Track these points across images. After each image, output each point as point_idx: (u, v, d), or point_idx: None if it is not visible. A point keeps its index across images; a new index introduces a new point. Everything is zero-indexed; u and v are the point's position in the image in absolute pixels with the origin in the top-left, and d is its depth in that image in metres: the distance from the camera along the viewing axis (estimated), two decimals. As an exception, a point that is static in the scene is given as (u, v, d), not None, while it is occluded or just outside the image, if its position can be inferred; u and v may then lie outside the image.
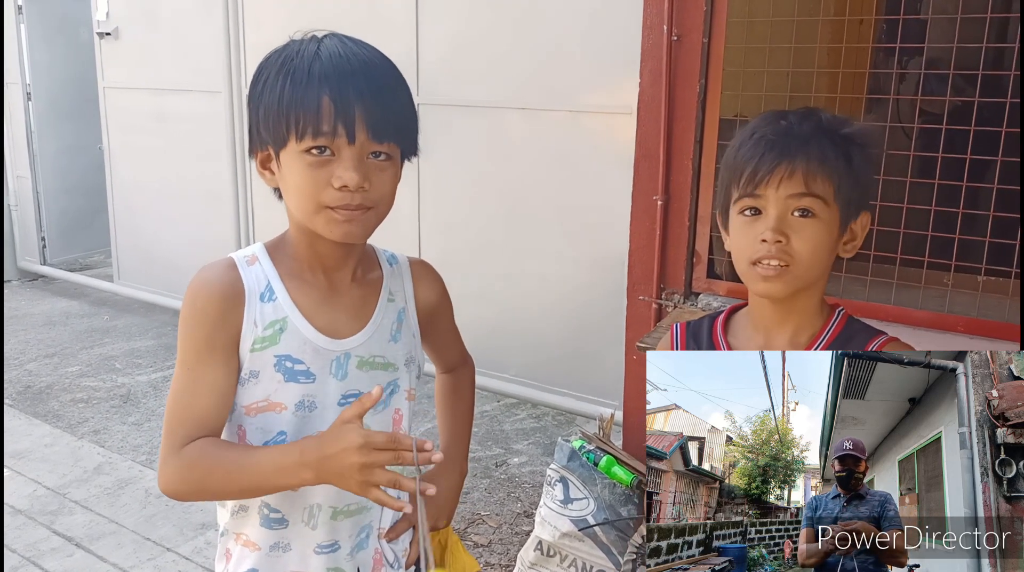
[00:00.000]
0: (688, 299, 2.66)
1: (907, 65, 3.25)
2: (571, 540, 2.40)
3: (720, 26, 2.44)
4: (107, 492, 3.22)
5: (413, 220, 4.27)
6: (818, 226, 1.13)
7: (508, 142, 3.94)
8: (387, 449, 1.03)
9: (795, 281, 1.14)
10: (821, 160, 1.12)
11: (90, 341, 4.89)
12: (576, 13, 3.60)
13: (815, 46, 2.49)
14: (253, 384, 1.18)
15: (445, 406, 1.48)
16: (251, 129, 1.16)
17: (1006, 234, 2.18)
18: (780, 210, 1.13)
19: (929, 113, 2.92)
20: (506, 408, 4.01)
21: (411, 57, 4.07)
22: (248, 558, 1.24)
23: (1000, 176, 2.20)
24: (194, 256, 4.55)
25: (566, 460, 2.51)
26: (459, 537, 1.47)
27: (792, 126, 1.15)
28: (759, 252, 1.14)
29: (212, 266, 1.18)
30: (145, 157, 5.43)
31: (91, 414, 3.91)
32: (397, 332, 1.27)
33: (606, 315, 3.58)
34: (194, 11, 4.90)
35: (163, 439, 1.15)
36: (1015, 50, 2.20)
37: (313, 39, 1.13)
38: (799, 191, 1.12)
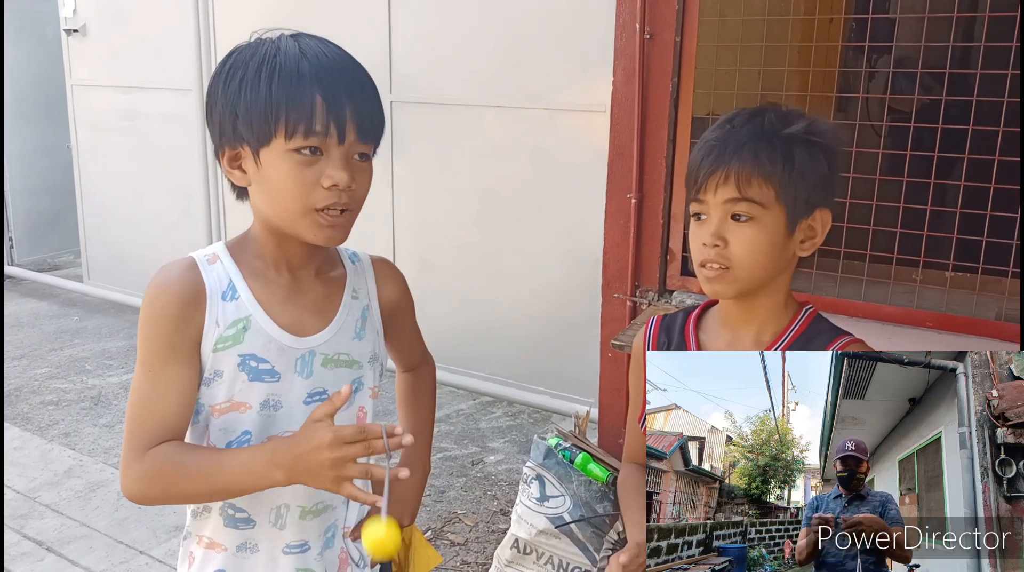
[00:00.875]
0: (662, 296, 2.67)
1: (876, 64, 3.29)
2: (547, 537, 2.41)
3: (692, 25, 2.46)
4: (78, 495, 3.18)
5: (387, 218, 4.26)
6: (756, 229, 1.14)
7: (483, 140, 3.94)
8: (357, 441, 1.03)
9: (737, 282, 1.16)
10: (755, 164, 1.12)
11: (59, 342, 4.82)
12: (550, 11, 3.61)
13: (786, 45, 2.52)
14: (217, 384, 1.17)
15: (407, 405, 1.48)
16: (221, 126, 1.13)
17: (973, 230, 2.21)
18: (719, 215, 1.15)
19: (898, 111, 2.96)
20: (482, 406, 4.01)
21: (384, 54, 4.06)
22: (214, 559, 1.23)
23: (967, 173, 2.23)
24: (165, 256, 4.49)
25: (542, 458, 2.52)
26: (434, 535, 1.47)
27: (734, 129, 1.15)
28: (702, 255, 1.17)
29: (171, 266, 1.17)
30: (114, 156, 5.36)
31: (61, 416, 3.86)
32: (361, 329, 1.27)
33: (581, 312, 3.59)
34: (164, 7, 4.85)
35: (125, 443, 1.14)
36: (980, 49, 2.24)
37: (288, 37, 1.12)
38: (733, 196, 1.13)
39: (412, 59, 4.04)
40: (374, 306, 1.30)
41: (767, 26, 2.50)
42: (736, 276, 1.15)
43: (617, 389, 2.80)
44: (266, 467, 1.07)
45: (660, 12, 2.50)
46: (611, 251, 2.76)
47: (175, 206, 5.11)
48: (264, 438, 1.18)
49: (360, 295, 1.28)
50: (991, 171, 2.16)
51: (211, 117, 1.15)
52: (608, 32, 2.65)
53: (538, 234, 3.84)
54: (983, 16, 2.27)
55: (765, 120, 1.15)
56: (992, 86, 2.20)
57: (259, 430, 1.18)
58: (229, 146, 1.14)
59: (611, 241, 2.75)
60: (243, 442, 1.18)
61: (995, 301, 2.27)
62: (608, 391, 2.83)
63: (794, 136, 1.14)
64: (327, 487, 1.05)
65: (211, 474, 1.11)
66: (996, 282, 2.29)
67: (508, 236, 3.94)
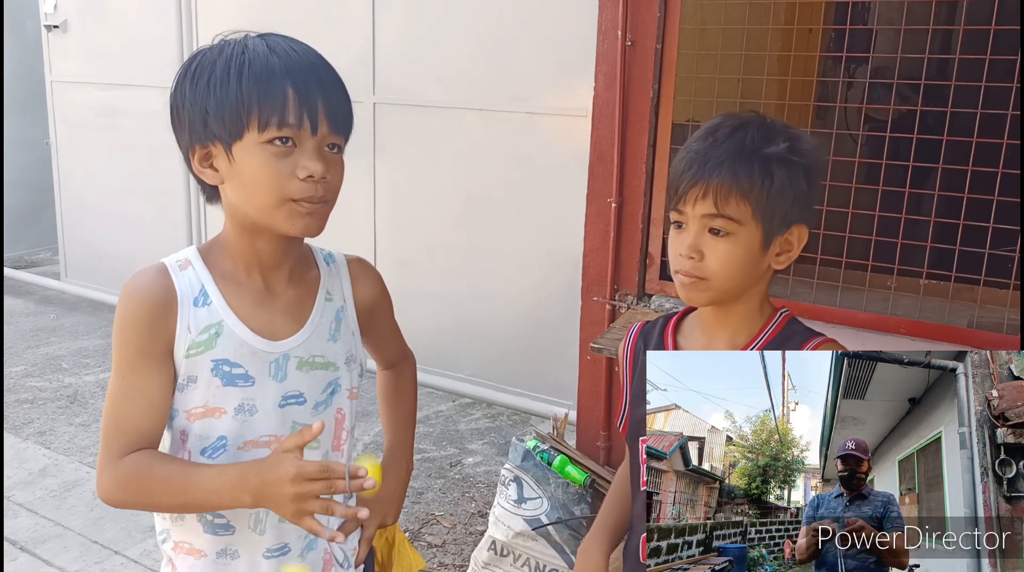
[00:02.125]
0: (641, 300, 2.69)
1: (854, 73, 3.33)
2: (524, 539, 2.42)
3: (673, 33, 2.48)
4: (53, 494, 3.16)
5: (369, 219, 4.26)
6: (732, 244, 1.16)
7: (465, 142, 3.95)
8: (320, 479, 1.04)
9: (712, 293, 1.19)
10: (733, 182, 1.13)
11: (36, 340, 4.78)
12: (533, 16, 3.62)
13: (765, 54, 2.55)
14: (192, 390, 1.17)
15: (388, 403, 1.48)
16: (191, 126, 1.13)
17: (946, 239, 2.25)
18: (696, 227, 1.17)
19: (875, 120, 3.00)
20: (461, 408, 4.01)
21: (367, 56, 4.06)
22: (195, 566, 1.24)
23: (941, 183, 2.27)
24: (144, 253, 4.47)
25: (520, 460, 2.53)
26: (412, 537, 1.47)
27: (716, 143, 1.16)
28: (679, 264, 1.19)
29: (143, 273, 1.17)
30: (94, 152, 5.32)
31: (36, 415, 3.82)
32: (336, 331, 1.27)
33: (561, 315, 3.61)
34: (145, 4, 4.83)
35: (100, 447, 1.15)
36: (955, 61, 2.28)
37: (255, 36, 1.13)
38: (711, 212, 1.15)
39: (395, 61, 4.04)
40: (349, 307, 1.30)
41: (747, 35, 2.53)
42: (710, 285, 1.18)
43: (595, 392, 2.82)
44: (234, 489, 1.08)
45: (641, 19, 2.52)
46: (591, 255, 2.78)
47: (154, 204, 5.07)
48: (240, 443, 1.19)
49: (334, 297, 1.29)
50: (965, 181, 2.20)
51: (178, 119, 1.15)
52: (590, 38, 2.67)
53: (518, 237, 3.85)
54: (958, 29, 2.31)
55: (747, 137, 1.16)
56: (967, 97, 2.24)
57: (235, 435, 1.19)
58: (200, 145, 1.14)
59: (591, 245, 2.77)
60: (219, 448, 1.19)
61: (967, 309, 2.31)
62: (586, 394, 2.84)
63: (774, 155, 1.15)
64: (288, 518, 1.06)
65: (182, 488, 1.12)
66: (968, 290, 2.33)
67: (489, 238, 3.95)
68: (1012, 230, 2.16)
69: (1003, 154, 2.15)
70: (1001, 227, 2.15)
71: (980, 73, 2.17)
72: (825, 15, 3.15)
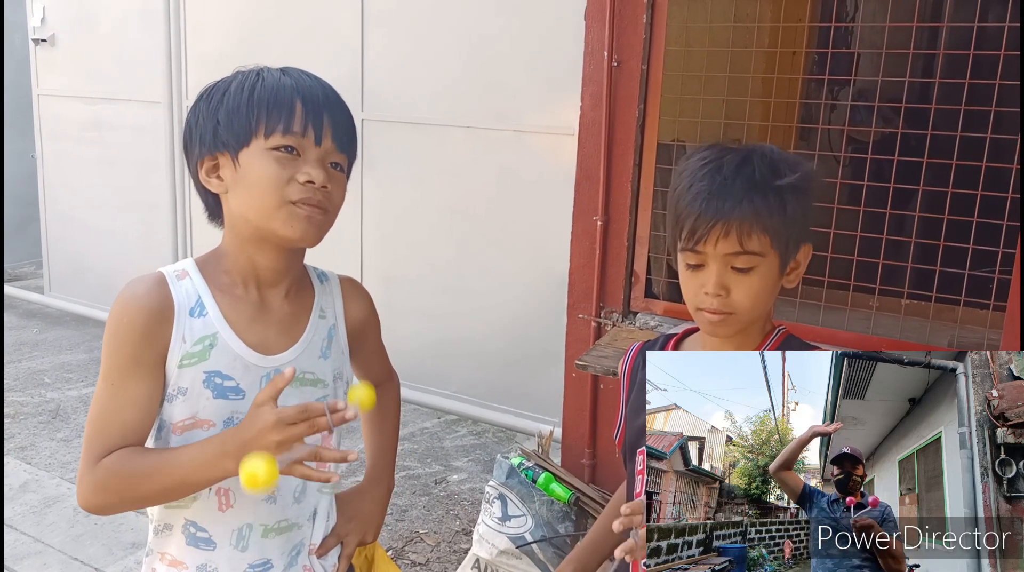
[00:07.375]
0: (626, 318, 2.71)
1: (837, 95, 3.37)
2: (508, 557, 2.42)
3: (658, 54, 2.52)
4: (33, 510, 3.12)
5: (356, 235, 4.26)
6: (757, 277, 1.18)
7: (452, 160, 3.96)
8: (300, 421, 1.04)
9: (739, 324, 1.21)
10: (754, 218, 1.15)
11: (18, 354, 4.74)
12: (521, 35, 3.65)
13: (749, 76, 2.58)
14: (181, 401, 1.17)
15: (371, 422, 1.48)
16: (201, 137, 1.17)
17: (927, 260, 2.28)
18: (719, 266, 1.18)
19: (857, 142, 3.04)
20: (446, 425, 4.00)
21: (356, 72, 4.08)
22: None
23: (922, 204, 2.30)
24: (129, 268, 4.46)
25: (505, 477, 2.53)
26: (396, 555, 1.47)
27: (727, 181, 1.16)
28: (703, 302, 1.19)
29: (140, 280, 1.17)
30: (80, 167, 5.30)
31: (18, 430, 3.79)
32: (327, 349, 1.28)
33: (546, 333, 3.61)
34: (134, 19, 4.82)
35: (82, 455, 1.14)
36: (935, 85, 2.32)
37: (270, 67, 1.19)
38: (735, 250, 1.16)
39: (384, 78, 4.06)
40: (340, 325, 1.32)
41: (731, 57, 2.56)
42: (739, 319, 1.20)
43: (581, 409, 2.82)
44: (216, 457, 1.07)
45: (628, 41, 2.56)
46: (577, 272, 2.79)
47: (140, 219, 5.05)
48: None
49: (327, 314, 1.30)
50: (945, 202, 2.23)
51: (190, 135, 1.19)
52: (577, 58, 2.70)
53: (505, 254, 3.87)
54: (939, 53, 2.35)
55: (756, 171, 1.17)
56: (948, 120, 2.28)
57: None
58: (208, 155, 1.17)
59: (577, 262, 2.79)
60: None
61: (948, 329, 2.34)
62: (572, 411, 2.85)
63: (787, 186, 1.17)
64: None
65: (163, 471, 1.11)
66: (949, 310, 2.36)
67: (475, 255, 3.96)
68: (992, 251, 2.19)
69: (982, 176, 2.19)
70: (981, 248, 2.18)
71: (960, 96, 2.21)
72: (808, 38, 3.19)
